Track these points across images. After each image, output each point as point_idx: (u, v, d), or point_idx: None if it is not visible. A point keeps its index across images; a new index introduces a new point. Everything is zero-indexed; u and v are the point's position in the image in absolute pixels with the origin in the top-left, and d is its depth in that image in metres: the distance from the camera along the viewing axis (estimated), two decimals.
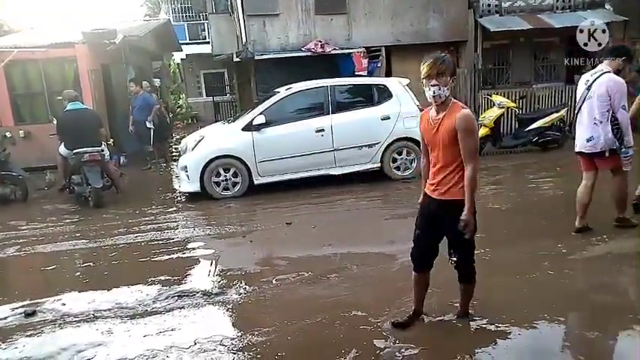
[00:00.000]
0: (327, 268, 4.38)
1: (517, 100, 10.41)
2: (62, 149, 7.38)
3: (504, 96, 10.24)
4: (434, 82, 2.78)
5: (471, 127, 2.82)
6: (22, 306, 3.92)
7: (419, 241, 3.14)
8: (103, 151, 7.27)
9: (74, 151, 7.07)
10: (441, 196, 2.96)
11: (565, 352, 2.89)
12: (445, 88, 2.79)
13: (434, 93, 2.80)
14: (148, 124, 9.87)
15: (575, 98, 4.95)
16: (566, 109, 9.73)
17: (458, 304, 3.31)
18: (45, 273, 4.84)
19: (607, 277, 3.88)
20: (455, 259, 3.07)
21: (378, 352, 3.00)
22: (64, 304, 3.94)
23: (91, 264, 4.95)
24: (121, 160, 10.22)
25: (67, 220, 6.62)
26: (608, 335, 3.06)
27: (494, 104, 9.56)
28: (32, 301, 3.99)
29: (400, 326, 3.24)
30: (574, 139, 4.86)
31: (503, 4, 11.79)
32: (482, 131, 9.31)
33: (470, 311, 3.32)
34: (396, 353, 2.97)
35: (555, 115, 9.31)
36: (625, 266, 4.07)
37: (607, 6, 11.95)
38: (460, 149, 2.82)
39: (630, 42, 11.02)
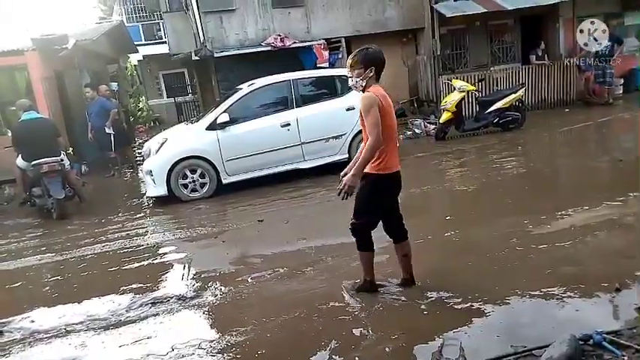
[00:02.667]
0: (302, 262, 4.38)
1: (476, 84, 10.62)
2: (20, 161, 7.11)
3: (464, 80, 10.44)
4: (349, 73, 3.27)
5: (365, 107, 3.15)
6: None
7: None
8: (62, 160, 7.03)
9: (32, 163, 6.82)
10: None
11: (537, 326, 2.98)
12: (358, 79, 3.21)
13: (350, 82, 3.31)
14: (107, 130, 9.59)
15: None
16: (524, 88, 10.00)
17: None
18: (10, 291, 4.66)
19: (572, 250, 4.02)
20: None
21: (357, 340, 3.03)
22: (33, 321, 3.80)
23: (59, 277, 4.80)
24: (82, 169, 9.92)
25: (31, 235, 6.40)
26: (577, 305, 3.18)
27: (454, 89, 9.72)
28: None
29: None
30: None
31: None
32: (445, 116, 9.48)
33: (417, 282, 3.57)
34: (376, 340, 3.01)
35: (513, 95, 9.54)
36: (588, 237, 4.23)
37: None
38: None
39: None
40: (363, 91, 3.23)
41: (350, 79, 3.29)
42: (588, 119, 10.15)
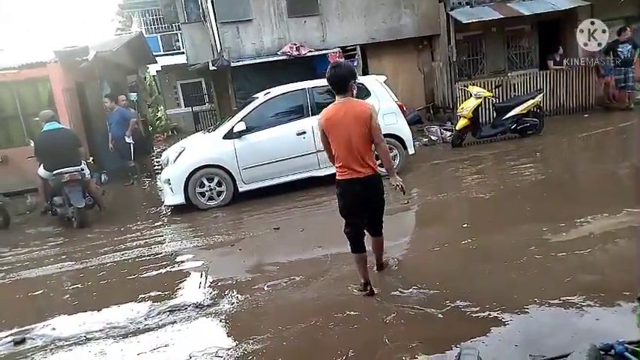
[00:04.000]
0: (318, 270, 4.39)
1: (493, 90, 10.53)
2: (41, 171, 7.27)
3: (480, 86, 10.35)
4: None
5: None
6: (11, 334, 3.85)
7: None
8: (83, 170, 7.16)
9: (54, 172, 6.96)
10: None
11: (556, 335, 2.93)
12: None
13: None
14: (128, 139, 9.77)
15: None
16: (541, 94, 9.88)
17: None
18: (32, 298, 4.77)
19: (591, 258, 3.95)
20: None
21: (374, 350, 3.02)
22: (54, 329, 3.88)
23: (79, 285, 4.89)
24: (102, 178, 10.10)
25: (52, 243, 6.52)
26: (597, 314, 3.12)
27: (471, 95, 9.65)
28: (21, 329, 3.92)
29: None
30: None
31: None
32: (462, 122, 9.42)
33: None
34: (393, 349, 2.99)
35: (531, 101, 9.44)
36: (608, 244, 4.15)
37: None
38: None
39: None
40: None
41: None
42: (608, 125, 9.98)
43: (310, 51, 11.82)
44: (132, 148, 9.88)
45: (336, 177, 3.71)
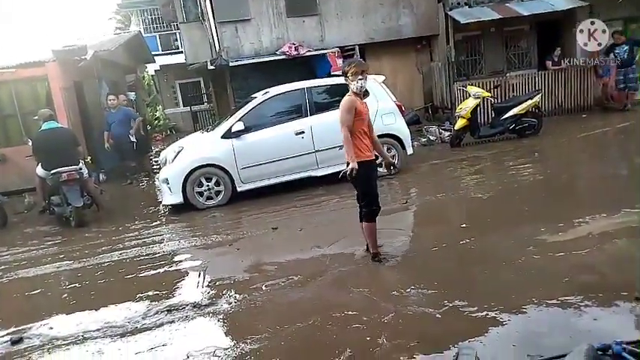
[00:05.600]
0: (316, 269, 4.38)
1: (492, 90, 10.55)
2: (39, 170, 7.25)
3: (479, 86, 10.37)
4: (363, 78, 4.12)
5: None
6: (8, 333, 3.84)
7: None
8: (81, 169, 7.15)
9: (52, 172, 6.94)
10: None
11: (554, 335, 2.94)
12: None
13: (363, 85, 4.14)
14: (132, 138, 9.71)
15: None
16: (540, 94, 9.90)
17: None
18: (30, 298, 4.75)
19: (590, 258, 3.95)
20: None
21: (371, 349, 3.02)
22: (52, 328, 3.87)
23: (76, 285, 4.87)
24: (100, 177, 10.08)
25: (49, 242, 6.51)
26: (595, 314, 3.12)
27: (469, 95, 9.66)
28: (18, 328, 3.91)
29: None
30: None
31: None
32: (460, 122, 9.43)
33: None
34: (390, 349, 2.99)
35: (530, 101, 9.45)
36: (606, 245, 4.16)
37: None
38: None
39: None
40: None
41: (363, 82, 4.14)
42: (606, 125, 10.00)
43: (309, 51, 11.82)
44: (135, 147, 9.85)
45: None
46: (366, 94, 4.56)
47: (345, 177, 4.03)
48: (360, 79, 4.09)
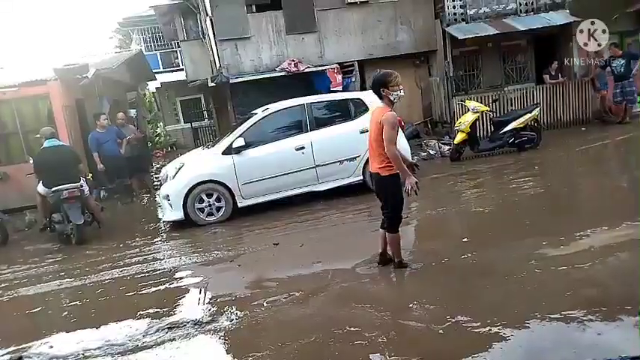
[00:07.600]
0: (318, 285, 4.36)
1: (490, 104, 10.61)
2: (40, 188, 7.27)
3: (477, 100, 10.43)
4: (398, 89, 4.10)
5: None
6: (7, 353, 3.80)
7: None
8: (82, 186, 7.16)
9: (53, 189, 6.96)
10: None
11: (557, 350, 2.91)
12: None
13: (397, 96, 4.11)
14: (122, 152, 9.60)
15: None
16: (538, 108, 9.95)
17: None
18: (30, 316, 4.72)
19: (592, 271, 3.94)
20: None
21: None
22: (52, 347, 3.84)
23: (77, 303, 4.85)
24: (101, 194, 10.07)
25: (50, 260, 6.49)
26: (599, 329, 3.10)
27: (468, 109, 9.73)
28: (17, 347, 3.88)
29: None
30: None
31: (468, 11, 12.05)
32: (460, 137, 9.47)
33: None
34: None
35: (529, 115, 9.51)
36: (609, 258, 4.14)
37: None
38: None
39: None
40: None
41: (399, 92, 4.11)
42: (606, 138, 10.03)
43: (308, 67, 11.91)
44: (133, 164, 9.82)
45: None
46: None
47: (408, 193, 4.12)
48: (401, 89, 4.12)
